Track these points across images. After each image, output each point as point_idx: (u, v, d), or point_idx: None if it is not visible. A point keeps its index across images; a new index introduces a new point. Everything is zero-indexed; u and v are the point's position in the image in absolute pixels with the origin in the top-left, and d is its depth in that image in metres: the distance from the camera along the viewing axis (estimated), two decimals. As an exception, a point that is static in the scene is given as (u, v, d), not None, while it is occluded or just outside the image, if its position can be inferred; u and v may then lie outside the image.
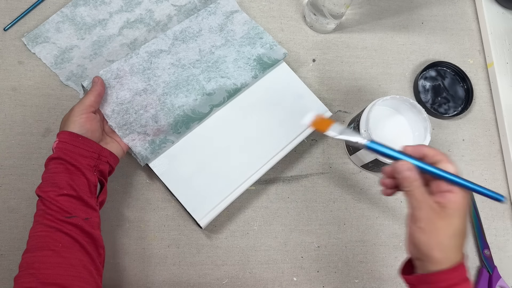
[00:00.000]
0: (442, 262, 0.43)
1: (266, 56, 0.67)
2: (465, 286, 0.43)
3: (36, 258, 0.46)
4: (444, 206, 0.43)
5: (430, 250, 0.43)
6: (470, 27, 0.82)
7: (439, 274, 0.43)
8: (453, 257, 0.43)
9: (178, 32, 0.66)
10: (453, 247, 0.43)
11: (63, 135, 0.52)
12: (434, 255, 0.43)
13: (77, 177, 0.51)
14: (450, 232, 0.43)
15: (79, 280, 0.45)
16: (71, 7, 0.70)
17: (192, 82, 0.64)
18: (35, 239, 0.47)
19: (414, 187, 0.44)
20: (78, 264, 0.46)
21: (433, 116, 0.75)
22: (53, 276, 0.44)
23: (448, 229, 0.43)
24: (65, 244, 0.47)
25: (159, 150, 0.60)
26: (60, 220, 0.48)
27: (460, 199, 0.43)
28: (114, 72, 0.61)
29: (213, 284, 0.62)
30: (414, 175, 0.44)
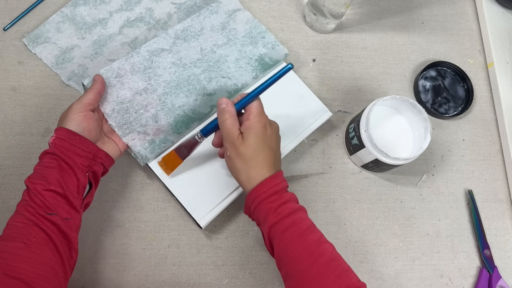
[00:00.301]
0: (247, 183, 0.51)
1: (268, 57, 0.67)
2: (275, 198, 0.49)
3: (7, 248, 0.46)
4: (242, 132, 0.51)
5: (238, 175, 0.52)
6: (471, 27, 0.82)
7: (248, 196, 0.51)
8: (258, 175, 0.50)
9: (180, 31, 0.66)
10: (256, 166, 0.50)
11: (61, 132, 0.52)
12: (241, 179, 0.52)
13: (68, 176, 0.50)
14: (249, 154, 0.50)
15: (42, 279, 0.45)
16: (71, 7, 0.70)
17: (193, 82, 0.64)
18: (11, 229, 0.47)
19: (225, 118, 0.51)
20: (46, 263, 0.46)
21: (433, 116, 0.75)
22: (18, 270, 0.44)
23: (247, 151, 0.50)
24: (39, 240, 0.47)
25: (159, 150, 0.60)
26: (40, 215, 0.48)
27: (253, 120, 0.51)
28: (115, 71, 0.61)
29: (213, 284, 0.62)
30: (228, 108, 0.51)
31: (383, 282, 0.65)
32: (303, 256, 0.47)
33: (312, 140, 0.71)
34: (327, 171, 0.69)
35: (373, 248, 0.67)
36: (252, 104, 0.52)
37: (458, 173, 0.73)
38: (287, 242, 0.48)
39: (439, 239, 0.69)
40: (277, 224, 0.49)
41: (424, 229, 0.69)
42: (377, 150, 0.61)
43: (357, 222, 0.68)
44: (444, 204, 0.71)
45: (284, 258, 0.49)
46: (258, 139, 0.51)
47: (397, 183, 0.70)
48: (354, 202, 0.68)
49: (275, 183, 0.50)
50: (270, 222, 0.49)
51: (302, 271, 0.47)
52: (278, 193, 0.50)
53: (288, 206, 0.49)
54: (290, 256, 0.48)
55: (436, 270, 0.67)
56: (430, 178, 0.72)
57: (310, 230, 0.49)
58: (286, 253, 0.48)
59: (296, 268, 0.48)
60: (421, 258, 0.67)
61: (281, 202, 0.49)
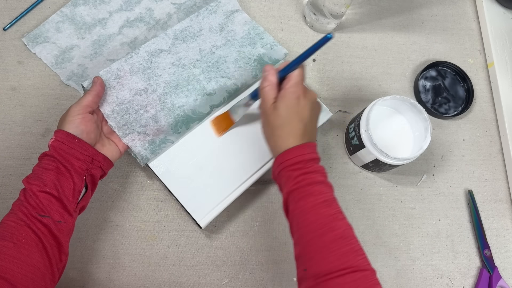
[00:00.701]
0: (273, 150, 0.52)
1: (267, 56, 0.67)
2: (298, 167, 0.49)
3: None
4: (276, 101, 0.52)
5: (267, 141, 0.54)
6: (471, 27, 0.82)
7: (274, 162, 0.52)
8: (283, 145, 0.50)
9: (179, 31, 0.66)
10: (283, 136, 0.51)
11: (60, 134, 0.52)
12: (269, 145, 0.54)
13: (65, 179, 0.50)
14: (277, 123, 0.51)
15: (28, 281, 0.45)
16: (70, 7, 0.70)
17: (193, 82, 0.64)
18: (3, 227, 0.47)
19: (264, 85, 0.52)
20: (34, 265, 0.46)
21: (433, 116, 0.75)
22: (3, 269, 0.44)
23: (275, 120, 0.51)
24: (28, 241, 0.47)
25: (159, 150, 0.60)
26: (32, 216, 0.48)
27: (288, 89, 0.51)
28: (114, 72, 0.61)
29: (213, 284, 0.62)
30: (269, 76, 0.53)
31: (383, 282, 0.65)
32: (312, 227, 0.47)
33: (312, 140, 0.70)
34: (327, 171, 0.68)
35: (373, 248, 0.67)
36: (293, 73, 0.52)
37: (458, 173, 0.73)
38: (300, 211, 0.48)
39: (439, 239, 0.69)
40: (294, 191, 0.49)
41: (424, 229, 0.69)
42: (377, 150, 0.61)
43: (357, 222, 0.67)
44: (444, 204, 0.71)
45: (295, 225, 0.49)
46: (289, 110, 0.51)
47: (397, 183, 0.70)
48: (354, 202, 0.68)
49: (300, 153, 0.50)
50: (289, 189, 0.49)
51: (308, 241, 0.47)
52: (302, 163, 0.50)
53: (309, 176, 0.49)
54: (301, 225, 0.48)
55: (436, 270, 0.67)
56: (430, 178, 0.72)
57: (327, 204, 0.48)
58: (298, 221, 0.49)
59: (304, 237, 0.48)
60: (421, 258, 0.67)
61: (303, 172, 0.49)
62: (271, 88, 0.52)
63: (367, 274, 0.45)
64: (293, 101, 0.51)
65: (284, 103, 0.51)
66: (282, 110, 0.51)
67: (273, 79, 0.52)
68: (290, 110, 0.51)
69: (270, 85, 0.52)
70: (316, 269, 0.45)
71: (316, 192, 0.49)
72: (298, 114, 0.51)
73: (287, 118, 0.51)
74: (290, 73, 0.52)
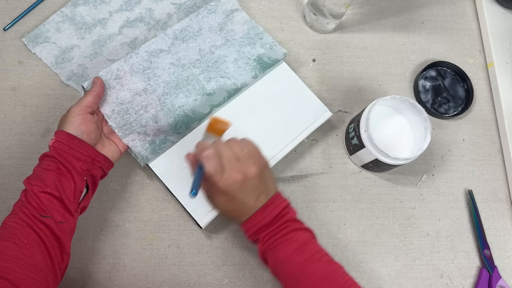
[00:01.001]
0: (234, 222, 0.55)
1: (266, 56, 0.67)
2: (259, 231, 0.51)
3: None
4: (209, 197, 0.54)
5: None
6: (470, 27, 0.82)
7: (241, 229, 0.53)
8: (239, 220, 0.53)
9: (178, 31, 0.66)
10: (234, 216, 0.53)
11: (61, 135, 0.52)
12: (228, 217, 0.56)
13: (65, 179, 0.50)
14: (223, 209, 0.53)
15: (30, 281, 0.45)
16: (70, 7, 0.70)
17: (192, 82, 0.64)
18: (5, 228, 0.47)
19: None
20: (36, 265, 0.46)
21: (433, 116, 0.75)
22: (6, 270, 0.44)
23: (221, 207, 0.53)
24: (30, 241, 0.47)
25: (159, 150, 0.60)
26: (34, 216, 0.48)
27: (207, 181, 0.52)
28: (114, 72, 0.61)
29: (213, 284, 0.62)
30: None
31: (383, 282, 0.65)
32: (291, 278, 0.49)
33: (312, 140, 0.71)
34: (327, 171, 0.69)
35: (373, 248, 0.67)
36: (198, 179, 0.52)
37: (458, 173, 0.73)
38: (276, 265, 0.51)
39: (439, 239, 0.69)
40: (266, 250, 0.51)
41: (424, 229, 0.69)
42: (377, 150, 0.61)
43: (357, 222, 0.67)
44: (444, 204, 0.71)
45: (279, 278, 0.51)
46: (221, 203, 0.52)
47: (397, 183, 0.70)
48: (354, 202, 0.68)
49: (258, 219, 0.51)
50: (260, 249, 0.52)
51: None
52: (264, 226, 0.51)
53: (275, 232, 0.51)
54: (282, 277, 0.51)
55: (436, 270, 0.67)
56: (430, 178, 0.72)
57: (299, 251, 0.50)
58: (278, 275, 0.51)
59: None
60: (421, 258, 0.67)
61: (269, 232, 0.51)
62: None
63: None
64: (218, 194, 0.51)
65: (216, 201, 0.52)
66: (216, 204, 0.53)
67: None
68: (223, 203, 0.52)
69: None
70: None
71: (285, 244, 0.50)
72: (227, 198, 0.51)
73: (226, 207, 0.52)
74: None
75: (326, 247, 0.66)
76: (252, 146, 0.53)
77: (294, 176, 0.68)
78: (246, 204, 0.51)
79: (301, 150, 0.70)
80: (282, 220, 0.51)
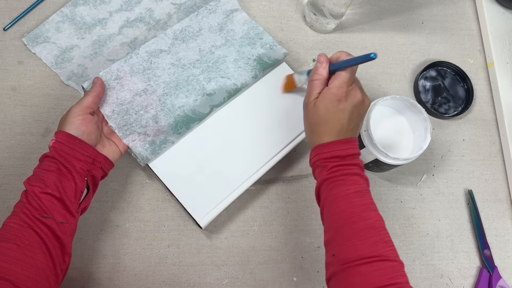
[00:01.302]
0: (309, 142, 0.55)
1: (266, 56, 0.67)
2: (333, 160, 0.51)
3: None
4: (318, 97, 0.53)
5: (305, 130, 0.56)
6: (470, 27, 0.82)
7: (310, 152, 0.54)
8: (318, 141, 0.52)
9: (178, 31, 0.66)
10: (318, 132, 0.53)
11: (61, 136, 0.52)
12: (306, 135, 0.56)
13: (66, 180, 0.50)
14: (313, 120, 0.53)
15: (32, 282, 0.45)
16: (70, 7, 0.70)
17: (192, 82, 0.64)
18: (6, 229, 0.47)
19: (313, 78, 0.54)
20: (37, 266, 0.46)
21: (433, 116, 0.75)
22: (7, 271, 0.44)
23: (312, 118, 0.53)
24: (31, 242, 0.47)
25: (159, 151, 0.60)
26: (35, 217, 0.48)
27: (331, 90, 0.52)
28: (114, 73, 0.61)
29: (213, 284, 0.62)
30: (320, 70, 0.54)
31: (383, 282, 0.65)
32: (344, 215, 0.48)
33: (312, 140, 0.71)
34: (327, 171, 0.69)
35: (373, 248, 0.67)
36: (340, 73, 0.52)
37: (458, 173, 0.73)
38: (333, 199, 0.50)
39: (439, 239, 0.69)
40: (328, 180, 0.51)
41: (424, 229, 0.69)
42: (377, 150, 0.61)
43: (357, 222, 0.67)
44: (444, 204, 0.71)
45: (326, 212, 0.50)
46: (327, 111, 0.52)
47: (397, 183, 0.70)
48: (354, 202, 0.68)
49: (335, 149, 0.51)
50: (323, 177, 0.51)
51: (339, 228, 0.48)
52: (338, 157, 0.51)
53: (345, 167, 0.51)
54: (333, 211, 0.49)
55: (436, 270, 0.67)
56: (430, 178, 0.72)
57: (360, 194, 0.50)
58: (329, 208, 0.50)
59: (335, 224, 0.49)
60: (421, 258, 0.67)
61: (339, 164, 0.51)
62: (319, 83, 0.53)
63: (394, 265, 0.46)
64: (333, 103, 0.51)
65: (324, 103, 0.52)
66: (320, 110, 0.52)
67: (324, 73, 0.53)
68: (328, 111, 0.52)
69: (319, 80, 0.53)
70: (344, 255, 0.46)
71: (350, 182, 0.50)
72: (335, 116, 0.52)
73: (324, 118, 0.52)
74: (338, 72, 0.52)
75: (326, 247, 0.66)
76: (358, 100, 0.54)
77: (294, 176, 0.68)
78: (344, 126, 0.52)
79: (301, 150, 0.70)
80: (354, 161, 0.51)
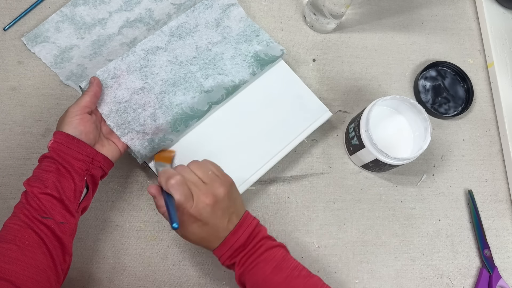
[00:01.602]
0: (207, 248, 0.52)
1: (263, 53, 0.67)
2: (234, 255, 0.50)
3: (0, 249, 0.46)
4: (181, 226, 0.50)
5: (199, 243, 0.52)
6: (470, 27, 0.82)
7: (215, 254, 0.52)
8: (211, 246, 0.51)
9: (175, 27, 0.66)
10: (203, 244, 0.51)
11: (59, 136, 0.52)
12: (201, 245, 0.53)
13: (65, 180, 0.50)
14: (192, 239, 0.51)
15: (33, 283, 0.45)
16: (70, 7, 0.70)
17: (190, 80, 0.64)
18: (6, 230, 0.47)
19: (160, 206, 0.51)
20: (38, 266, 0.46)
21: (433, 116, 0.75)
22: (8, 272, 0.44)
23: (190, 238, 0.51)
24: (32, 243, 0.47)
25: (158, 149, 0.60)
26: (35, 218, 0.48)
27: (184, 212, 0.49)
28: (111, 71, 0.61)
29: (213, 284, 0.62)
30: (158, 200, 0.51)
31: (383, 282, 0.65)
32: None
33: (312, 140, 0.71)
34: (327, 171, 0.69)
35: (373, 248, 0.67)
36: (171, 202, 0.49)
37: (458, 173, 0.73)
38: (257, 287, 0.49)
39: (439, 239, 0.69)
40: (244, 272, 0.50)
41: (424, 229, 0.69)
42: (377, 150, 0.61)
43: (357, 222, 0.67)
44: (444, 204, 0.71)
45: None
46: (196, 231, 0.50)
47: (397, 183, 0.70)
48: (354, 202, 0.68)
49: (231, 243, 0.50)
50: (238, 271, 0.50)
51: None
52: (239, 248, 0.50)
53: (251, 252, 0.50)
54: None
55: (436, 270, 0.67)
56: (430, 178, 0.72)
57: (277, 269, 0.49)
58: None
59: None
60: (421, 258, 0.67)
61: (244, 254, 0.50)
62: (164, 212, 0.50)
63: None
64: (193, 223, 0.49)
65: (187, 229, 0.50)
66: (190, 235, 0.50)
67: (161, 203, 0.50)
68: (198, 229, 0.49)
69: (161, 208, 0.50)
70: None
71: (263, 263, 0.49)
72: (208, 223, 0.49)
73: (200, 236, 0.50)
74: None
75: (326, 247, 0.66)
76: (215, 166, 0.52)
77: (294, 176, 0.68)
78: (220, 228, 0.50)
79: (301, 150, 0.70)
80: (256, 239, 0.50)
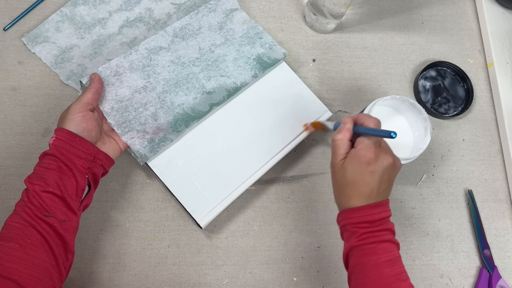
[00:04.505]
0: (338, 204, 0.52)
1: (266, 56, 0.67)
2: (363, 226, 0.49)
3: (2, 247, 0.46)
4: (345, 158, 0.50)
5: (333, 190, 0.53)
6: (470, 27, 0.82)
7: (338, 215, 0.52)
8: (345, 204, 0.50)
9: (178, 29, 0.66)
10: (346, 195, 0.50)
11: (61, 133, 0.52)
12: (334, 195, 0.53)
13: (67, 178, 0.50)
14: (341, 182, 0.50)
15: (35, 281, 0.45)
16: (70, 7, 0.70)
17: (192, 81, 0.64)
18: (8, 229, 0.47)
19: (337, 138, 0.51)
20: (41, 265, 0.46)
21: (433, 116, 0.75)
22: (11, 270, 0.44)
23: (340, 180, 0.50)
24: (34, 241, 0.47)
25: (158, 149, 0.60)
26: (37, 216, 0.48)
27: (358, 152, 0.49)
28: (113, 69, 0.61)
29: (213, 284, 0.62)
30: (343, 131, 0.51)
31: (383, 282, 0.65)
32: (372, 286, 0.47)
33: (312, 140, 0.71)
34: (327, 171, 0.69)
35: (373, 248, 0.67)
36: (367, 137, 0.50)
37: (458, 173, 0.73)
38: (362, 267, 0.48)
39: (439, 239, 0.69)
40: (357, 247, 0.49)
41: (424, 229, 0.69)
42: (377, 150, 0.61)
43: (357, 222, 0.67)
44: (444, 204, 0.71)
45: (354, 280, 0.49)
46: (355, 173, 0.49)
47: (397, 183, 0.70)
48: (354, 202, 0.68)
49: (364, 214, 0.49)
50: (351, 243, 0.49)
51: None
52: (367, 222, 0.49)
53: (375, 234, 0.49)
54: (361, 281, 0.48)
55: (436, 270, 0.67)
56: (430, 178, 0.72)
57: (390, 263, 0.48)
58: (358, 277, 0.49)
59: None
60: (421, 258, 0.67)
61: (368, 230, 0.49)
62: (341, 143, 0.51)
63: None
64: (361, 166, 0.49)
65: (352, 166, 0.49)
66: (348, 172, 0.49)
67: (347, 135, 0.51)
68: (356, 174, 0.49)
69: (341, 140, 0.51)
70: None
71: (380, 251, 0.48)
72: (364, 179, 0.49)
73: (352, 181, 0.49)
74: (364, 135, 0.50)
75: (326, 247, 0.66)
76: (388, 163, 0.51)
77: (294, 176, 0.68)
78: (374, 190, 0.49)
79: (301, 150, 0.70)
80: (385, 225, 0.50)
